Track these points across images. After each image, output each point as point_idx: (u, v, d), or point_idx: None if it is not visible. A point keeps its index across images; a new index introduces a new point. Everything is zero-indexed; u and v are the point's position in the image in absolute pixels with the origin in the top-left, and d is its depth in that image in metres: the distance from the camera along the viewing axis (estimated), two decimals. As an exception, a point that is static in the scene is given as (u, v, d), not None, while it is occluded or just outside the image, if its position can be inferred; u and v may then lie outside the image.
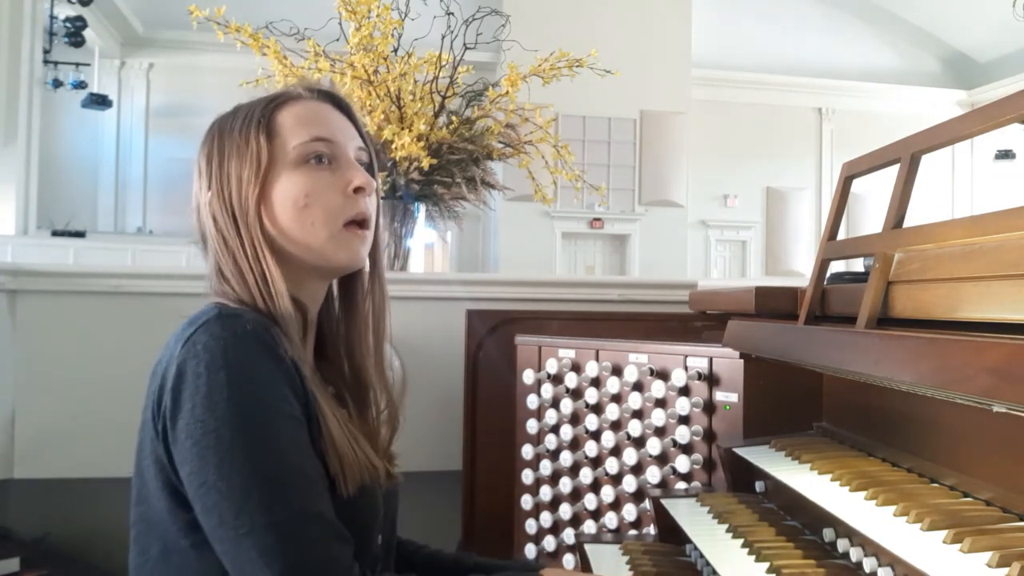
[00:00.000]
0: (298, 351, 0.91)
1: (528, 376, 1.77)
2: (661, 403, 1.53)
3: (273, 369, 0.85)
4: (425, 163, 2.32)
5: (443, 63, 2.41)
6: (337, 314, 1.08)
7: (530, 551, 1.75)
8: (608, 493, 1.59)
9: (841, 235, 1.30)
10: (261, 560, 0.79)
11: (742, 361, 1.43)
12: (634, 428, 1.55)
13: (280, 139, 0.97)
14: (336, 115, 1.03)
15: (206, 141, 1.01)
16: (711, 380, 1.47)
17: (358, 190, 0.99)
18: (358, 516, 0.92)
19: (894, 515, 0.89)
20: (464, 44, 2.42)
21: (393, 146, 2.32)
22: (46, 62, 9.60)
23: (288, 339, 0.90)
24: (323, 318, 1.07)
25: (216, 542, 0.82)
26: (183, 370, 0.83)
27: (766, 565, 0.95)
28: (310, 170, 0.97)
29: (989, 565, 0.74)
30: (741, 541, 1.04)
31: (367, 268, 1.06)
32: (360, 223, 1.00)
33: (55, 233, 9.52)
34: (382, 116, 2.36)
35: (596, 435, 1.63)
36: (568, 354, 1.71)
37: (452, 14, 2.42)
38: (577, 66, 2.54)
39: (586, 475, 1.64)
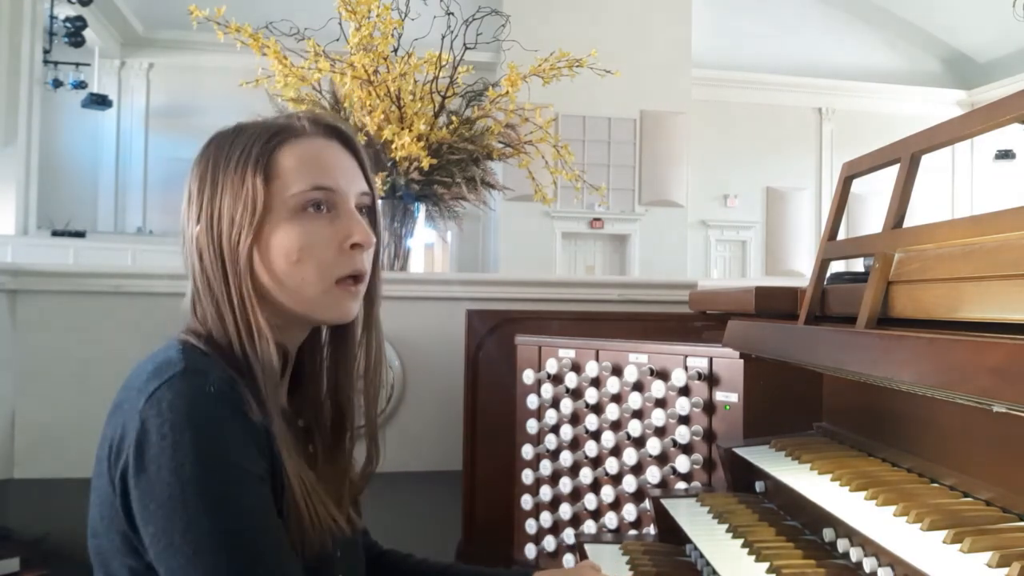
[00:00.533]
0: (271, 399, 0.89)
1: (528, 376, 1.77)
2: (661, 403, 1.53)
3: (239, 429, 0.83)
4: (425, 163, 2.32)
5: (443, 63, 2.41)
6: (325, 355, 1.05)
7: (530, 551, 1.75)
8: (608, 493, 1.59)
9: (841, 235, 1.30)
10: None
11: (742, 361, 1.43)
12: (634, 428, 1.55)
13: (279, 183, 0.92)
14: (341, 155, 0.98)
15: (200, 163, 0.96)
16: (711, 380, 1.47)
17: (355, 246, 0.94)
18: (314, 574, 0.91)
19: (894, 515, 0.89)
20: (464, 44, 2.42)
21: (393, 146, 2.32)
22: (46, 62, 9.60)
23: (264, 388, 0.88)
24: (303, 352, 1.04)
25: None
26: (147, 428, 0.81)
27: (766, 565, 0.95)
28: (307, 220, 0.92)
29: (989, 565, 0.74)
30: (741, 541, 1.04)
31: (360, 316, 1.01)
32: (355, 278, 0.96)
33: (55, 233, 9.52)
34: (382, 116, 2.36)
35: (596, 435, 1.63)
36: (568, 354, 1.71)
37: (452, 14, 2.42)
38: (577, 66, 2.54)
39: (586, 475, 1.64)
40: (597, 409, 1.64)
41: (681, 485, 1.48)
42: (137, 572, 0.84)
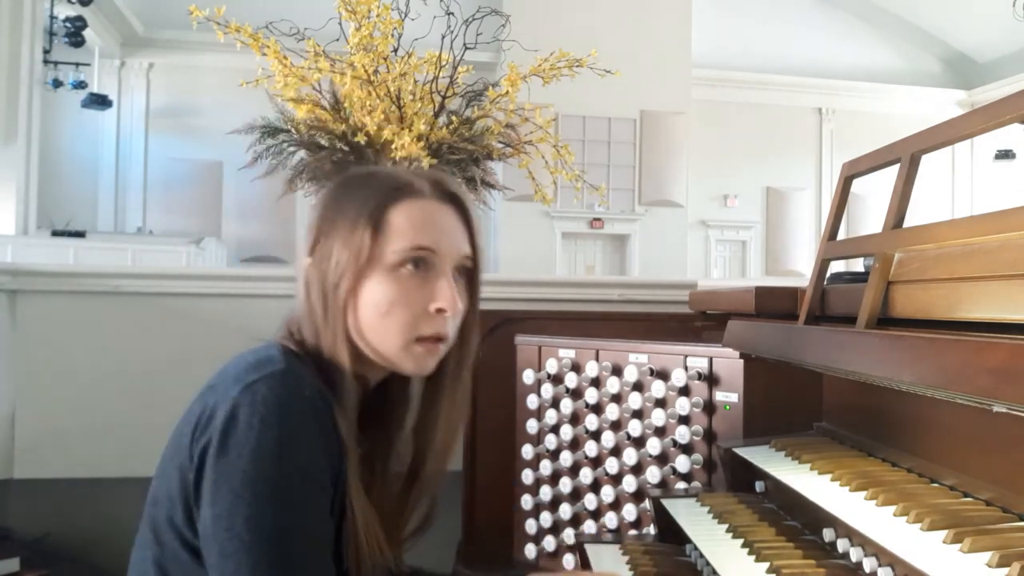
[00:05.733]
0: (347, 424, 0.94)
1: (528, 376, 1.77)
2: (661, 403, 1.53)
3: (320, 439, 0.88)
4: (425, 163, 2.32)
5: (443, 63, 2.41)
6: (416, 398, 1.09)
7: (530, 551, 1.75)
8: (608, 493, 1.59)
9: (841, 235, 1.30)
10: None
11: (742, 361, 1.43)
12: (634, 428, 1.55)
13: (384, 238, 0.98)
14: (452, 219, 1.03)
15: (326, 196, 1.03)
16: (711, 380, 1.47)
17: (439, 311, 0.99)
18: None
19: (894, 515, 0.89)
20: (464, 44, 2.42)
21: (393, 146, 2.31)
22: (46, 62, 9.59)
23: (341, 408, 0.93)
24: (387, 386, 1.08)
25: None
26: (236, 415, 0.85)
27: (766, 565, 0.95)
28: (401, 277, 0.98)
29: (989, 565, 0.74)
30: (741, 541, 1.04)
31: (448, 371, 1.06)
32: (436, 339, 1.00)
33: (55, 233, 9.49)
34: (382, 116, 2.35)
35: (596, 435, 1.63)
36: (568, 354, 1.71)
37: (452, 14, 2.42)
38: (577, 66, 2.53)
39: (586, 475, 1.64)
40: (597, 409, 1.64)
41: (681, 485, 1.48)
42: (188, 546, 0.88)
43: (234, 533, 0.83)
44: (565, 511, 1.69)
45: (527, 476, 1.76)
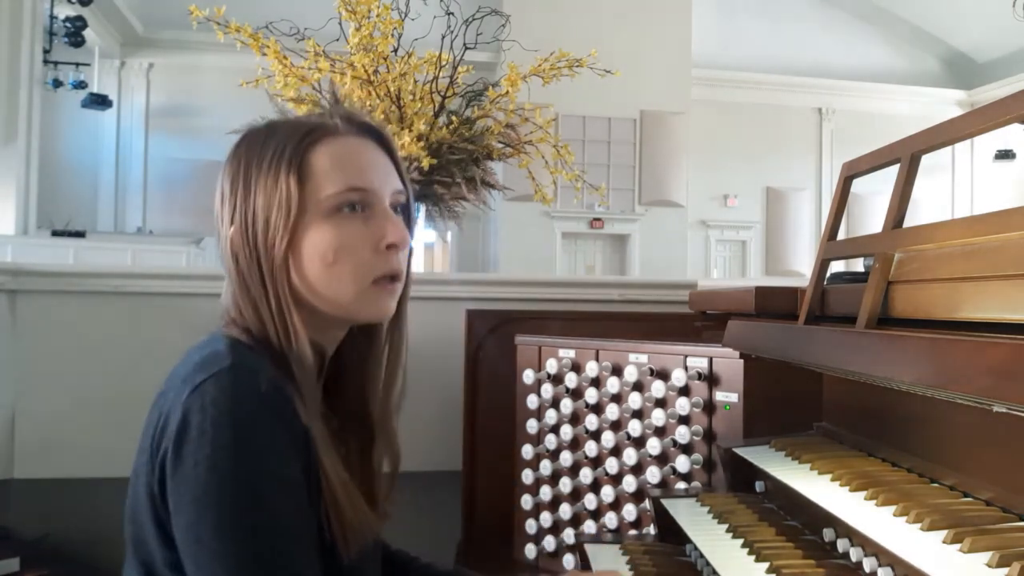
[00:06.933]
0: (310, 397, 0.88)
1: (528, 376, 1.77)
2: (661, 403, 1.53)
3: (279, 432, 0.83)
4: (425, 163, 2.32)
5: (443, 63, 2.42)
6: (358, 352, 1.04)
7: (530, 551, 1.75)
8: (608, 493, 1.59)
9: (841, 235, 1.30)
10: None
11: (742, 361, 1.43)
12: (634, 428, 1.55)
13: (312, 184, 0.90)
14: (375, 154, 0.96)
15: (231, 162, 0.95)
16: (711, 380, 1.47)
17: (390, 247, 0.93)
18: (350, 573, 0.92)
19: (894, 515, 0.89)
20: (464, 44, 2.42)
21: (393, 146, 2.32)
22: (46, 62, 9.59)
23: (300, 387, 0.88)
24: (343, 352, 1.03)
25: None
26: (188, 420, 0.80)
27: (766, 565, 0.95)
28: (341, 221, 0.91)
29: (989, 565, 0.74)
30: (741, 541, 1.04)
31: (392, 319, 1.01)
32: (391, 278, 0.95)
33: (55, 233, 9.49)
34: (382, 116, 2.36)
35: (596, 435, 1.63)
36: (568, 354, 1.71)
37: (452, 14, 2.42)
38: (577, 66, 2.54)
39: (586, 475, 1.64)
40: (597, 409, 1.64)
41: (681, 485, 1.48)
42: (170, 563, 0.84)
43: (204, 544, 0.79)
44: (565, 511, 1.69)
45: (527, 476, 1.76)
